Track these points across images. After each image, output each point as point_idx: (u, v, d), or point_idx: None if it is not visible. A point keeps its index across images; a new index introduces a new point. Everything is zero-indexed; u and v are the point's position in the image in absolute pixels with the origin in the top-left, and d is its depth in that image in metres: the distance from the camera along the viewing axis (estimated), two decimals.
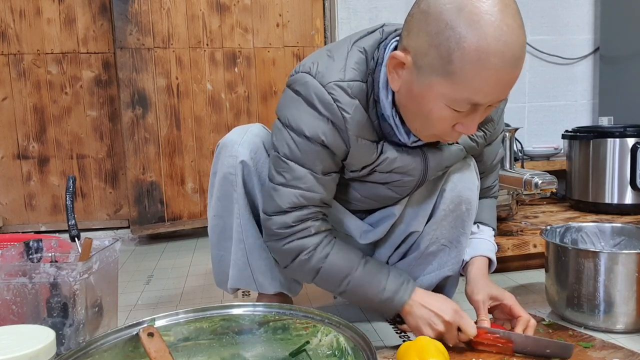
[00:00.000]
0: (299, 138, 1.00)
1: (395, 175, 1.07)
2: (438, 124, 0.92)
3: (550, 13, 2.60)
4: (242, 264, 1.19)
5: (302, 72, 1.00)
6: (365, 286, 1.06)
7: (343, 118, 0.98)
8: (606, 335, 1.15)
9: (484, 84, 0.83)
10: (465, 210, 1.15)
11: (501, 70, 0.82)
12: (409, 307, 1.05)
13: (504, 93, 0.87)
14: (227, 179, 1.15)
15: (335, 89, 0.97)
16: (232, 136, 1.16)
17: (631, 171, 1.92)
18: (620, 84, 2.43)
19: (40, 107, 2.36)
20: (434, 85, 0.86)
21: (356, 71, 0.98)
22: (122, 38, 2.18)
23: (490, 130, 1.15)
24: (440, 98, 0.87)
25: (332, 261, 1.05)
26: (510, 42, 0.81)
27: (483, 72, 0.82)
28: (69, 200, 1.16)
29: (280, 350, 0.94)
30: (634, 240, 1.34)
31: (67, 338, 1.05)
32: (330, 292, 1.13)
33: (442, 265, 1.20)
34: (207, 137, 2.35)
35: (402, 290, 1.05)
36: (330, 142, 1.00)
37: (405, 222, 1.19)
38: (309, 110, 0.99)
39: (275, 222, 1.05)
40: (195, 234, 2.40)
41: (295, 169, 1.02)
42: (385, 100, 0.98)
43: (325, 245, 1.05)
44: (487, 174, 1.28)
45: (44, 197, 2.40)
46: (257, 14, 2.38)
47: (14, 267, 1.07)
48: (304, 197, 1.03)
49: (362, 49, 1.00)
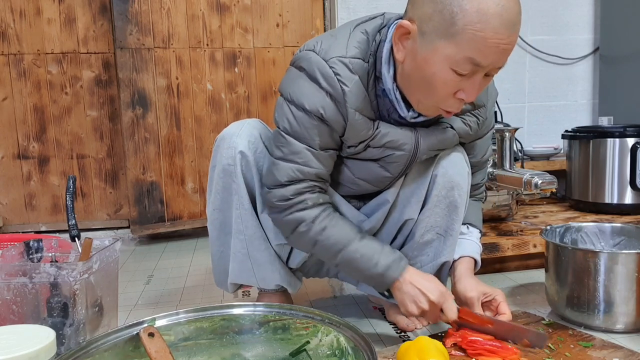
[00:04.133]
0: (299, 112, 1.05)
1: (387, 150, 1.11)
2: (441, 89, 0.96)
3: (550, 13, 2.60)
4: (242, 255, 1.21)
5: (306, 50, 1.06)
6: (359, 260, 1.09)
7: (342, 91, 1.02)
8: (606, 335, 1.15)
9: (484, 43, 0.90)
10: (458, 196, 1.17)
11: (500, 31, 0.89)
12: (399, 283, 1.10)
13: (502, 57, 0.93)
14: (226, 171, 1.17)
15: (337, 63, 1.02)
16: (230, 129, 1.20)
17: (631, 171, 1.92)
18: (620, 84, 2.43)
19: (41, 107, 2.36)
20: (438, 48, 0.93)
21: (358, 49, 1.04)
22: (122, 38, 2.18)
23: (482, 116, 1.18)
24: (445, 60, 0.93)
25: (329, 234, 1.09)
26: (508, 7, 0.89)
27: (484, 32, 0.89)
28: (69, 200, 1.16)
29: (281, 350, 0.95)
30: (633, 240, 1.34)
31: (67, 338, 1.05)
32: (327, 262, 1.17)
33: (438, 254, 1.22)
34: (207, 137, 2.35)
35: (394, 266, 1.09)
36: (329, 116, 1.04)
37: (399, 210, 1.21)
38: (311, 84, 1.04)
39: (274, 195, 1.09)
40: (195, 234, 2.41)
41: (293, 144, 1.06)
42: (387, 74, 1.03)
43: (324, 219, 1.09)
44: (477, 170, 1.30)
45: (44, 197, 2.41)
46: (257, 14, 2.38)
47: (14, 267, 1.07)
48: (301, 171, 1.07)
49: (364, 31, 1.06)
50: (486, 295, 1.14)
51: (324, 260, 1.19)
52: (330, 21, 2.45)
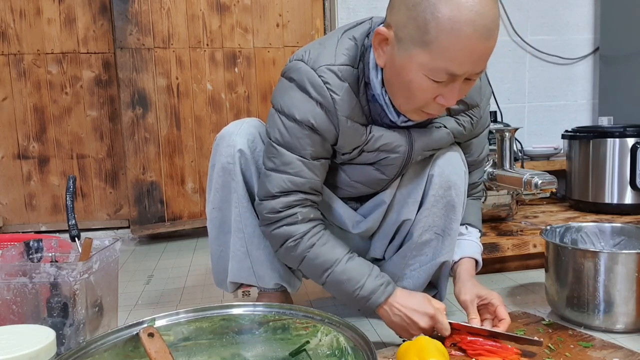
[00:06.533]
0: (290, 122, 1.04)
1: (382, 154, 1.10)
2: (419, 95, 0.95)
3: (550, 13, 2.60)
4: (241, 254, 1.21)
5: (295, 60, 1.06)
6: (345, 282, 1.08)
7: (332, 100, 1.02)
8: (606, 335, 1.15)
9: (458, 53, 0.87)
10: (455, 195, 1.17)
11: (474, 39, 0.86)
12: (383, 310, 1.08)
13: (478, 64, 0.91)
14: (225, 169, 1.17)
15: (326, 72, 1.02)
16: (229, 128, 1.20)
17: (631, 171, 1.92)
18: (620, 84, 2.43)
19: (41, 107, 2.36)
20: (413, 56, 0.91)
21: (346, 56, 1.03)
22: (122, 38, 2.18)
23: (477, 115, 1.17)
24: (419, 68, 0.91)
25: (316, 252, 1.08)
26: (482, 12, 0.86)
27: (457, 41, 0.86)
28: (69, 200, 1.16)
29: (280, 350, 0.95)
30: (633, 240, 1.34)
31: (67, 338, 1.05)
32: (314, 280, 1.15)
33: (437, 254, 1.22)
34: (207, 137, 2.35)
35: (380, 291, 1.07)
36: (320, 125, 1.04)
37: (396, 211, 1.21)
38: (301, 95, 1.03)
39: (265, 207, 1.09)
40: (195, 234, 2.41)
41: (284, 155, 1.06)
42: (375, 79, 1.03)
43: (313, 236, 1.08)
44: (474, 169, 1.30)
45: (44, 197, 2.41)
46: (257, 14, 2.38)
47: (14, 267, 1.07)
48: (292, 182, 1.06)
49: (351, 37, 1.05)
50: (482, 299, 1.12)
51: (311, 279, 1.16)
52: (330, 21, 2.45)
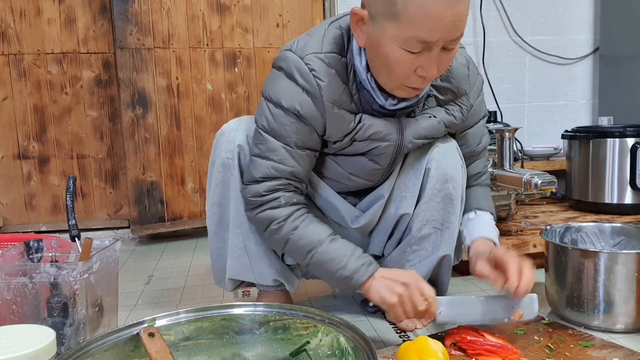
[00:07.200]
0: (277, 109, 1.07)
1: (373, 143, 1.12)
2: (398, 68, 0.96)
3: (550, 13, 2.60)
4: (239, 250, 1.21)
5: (284, 50, 1.09)
6: (328, 262, 1.08)
7: (318, 86, 1.04)
8: (606, 335, 1.15)
9: (427, 20, 0.89)
10: (452, 188, 1.17)
11: (440, 5, 0.87)
12: (367, 285, 1.06)
13: (450, 31, 0.91)
14: (225, 165, 1.18)
15: (313, 59, 1.04)
16: (228, 125, 1.22)
17: (631, 171, 1.92)
18: (620, 84, 2.43)
19: (41, 107, 2.36)
20: (385, 29, 0.93)
21: (333, 44, 1.06)
22: (122, 38, 2.18)
23: (466, 104, 1.18)
24: (393, 40, 0.93)
25: (300, 234, 1.09)
26: None
27: (424, 9, 0.88)
28: (69, 200, 1.16)
29: (281, 350, 0.95)
30: (633, 240, 1.34)
31: (68, 338, 1.05)
32: (299, 262, 1.16)
33: (437, 248, 1.22)
34: (207, 137, 2.35)
35: (362, 270, 1.07)
36: (306, 112, 1.06)
37: (394, 205, 1.21)
38: (288, 82, 1.06)
39: (249, 191, 1.11)
40: (195, 234, 2.41)
41: (269, 141, 1.09)
42: (359, 65, 1.05)
43: (296, 219, 1.10)
44: (475, 160, 1.29)
45: (44, 197, 2.41)
46: (257, 14, 2.38)
47: (14, 267, 1.07)
48: (275, 168, 1.09)
49: (338, 27, 1.08)
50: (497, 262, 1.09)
51: (296, 260, 1.18)
52: None
